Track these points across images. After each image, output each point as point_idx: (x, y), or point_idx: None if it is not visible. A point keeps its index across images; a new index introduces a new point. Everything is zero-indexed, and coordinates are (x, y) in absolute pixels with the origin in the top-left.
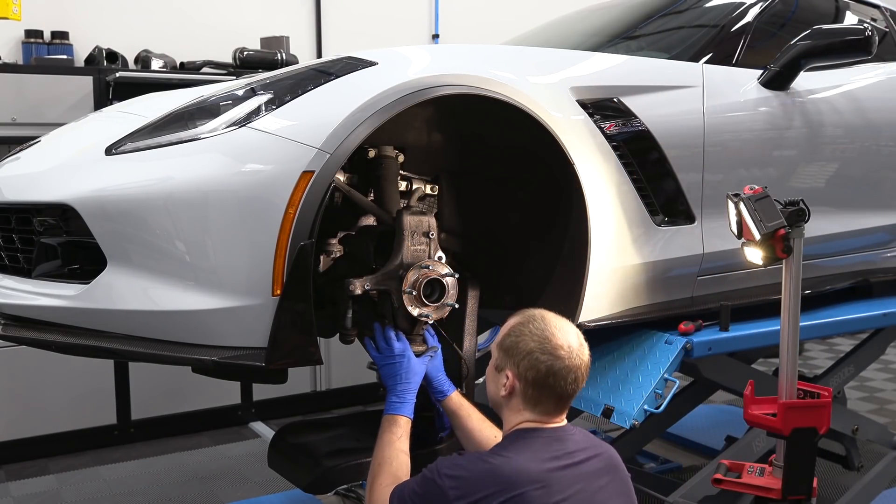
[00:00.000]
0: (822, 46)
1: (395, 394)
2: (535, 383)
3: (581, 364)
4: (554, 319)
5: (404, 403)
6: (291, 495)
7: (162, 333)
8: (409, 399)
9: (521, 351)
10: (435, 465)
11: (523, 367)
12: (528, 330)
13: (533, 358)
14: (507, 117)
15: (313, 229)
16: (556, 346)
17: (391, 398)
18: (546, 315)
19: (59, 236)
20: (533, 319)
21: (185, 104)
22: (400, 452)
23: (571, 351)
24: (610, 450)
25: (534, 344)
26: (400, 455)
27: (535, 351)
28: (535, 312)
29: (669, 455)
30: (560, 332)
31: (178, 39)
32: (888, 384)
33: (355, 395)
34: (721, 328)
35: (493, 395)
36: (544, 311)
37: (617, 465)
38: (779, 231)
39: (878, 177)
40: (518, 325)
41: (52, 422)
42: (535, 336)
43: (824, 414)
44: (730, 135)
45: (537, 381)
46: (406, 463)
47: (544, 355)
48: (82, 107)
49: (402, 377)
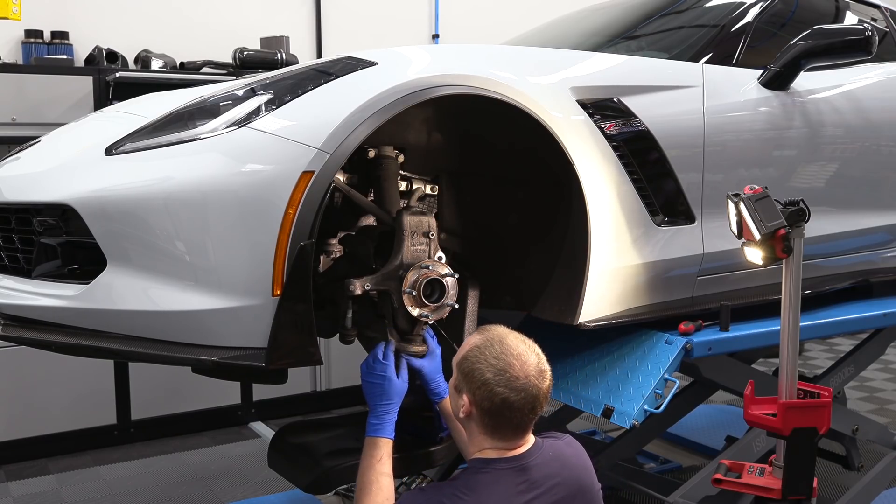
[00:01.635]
0: (822, 46)
1: (374, 415)
2: (490, 413)
3: (539, 393)
4: (514, 345)
5: (384, 424)
6: (291, 495)
7: (162, 333)
8: (388, 420)
9: (476, 379)
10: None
11: (479, 396)
12: (486, 357)
13: (488, 389)
14: (508, 117)
15: (313, 229)
16: (512, 378)
17: (371, 419)
18: (506, 339)
19: (58, 236)
20: (492, 344)
21: (185, 104)
22: (381, 476)
23: (529, 382)
24: (577, 470)
25: (490, 375)
26: (381, 478)
27: (490, 382)
28: (496, 334)
29: (669, 455)
30: (518, 361)
31: (178, 39)
32: (888, 384)
33: (355, 395)
34: (721, 328)
35: (455, 412)
36: (505, 332)
37: (586, 485)
38: (779, 231)
39: (878, 177)
40: (476, 350)
41: (52, 422)
42: (492, 365)
43: (824, 414)
44: (730, 135)
45: (492, 411)
46: (388, 485)
47: (500, 387)
48: (82, 107)
49: (382, 397)
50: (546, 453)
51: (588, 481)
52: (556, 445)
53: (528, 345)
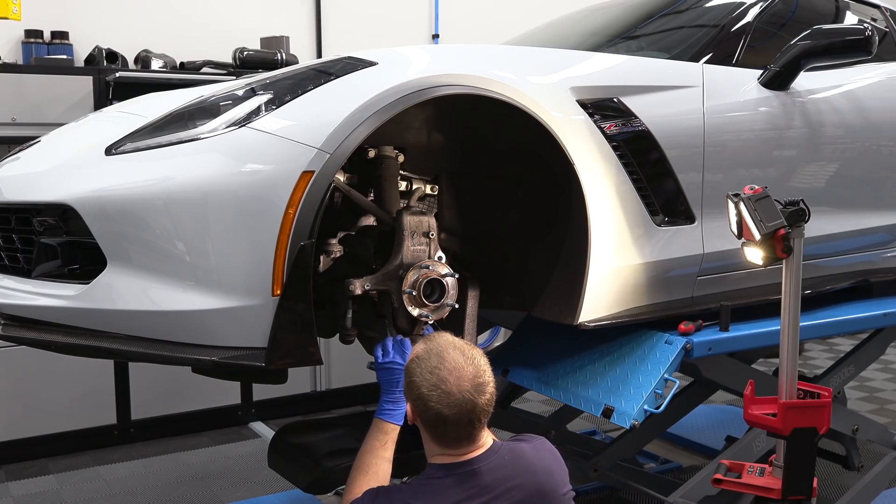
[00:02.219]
0: (822, 46)
1: (389, 399)
2: (427, 424)
3: (474, 408)
4: (451, 358)
5: (396, 410)
6: (291, 495)
7: (162, 333)
8: (402, 406)
9: (413, 392)
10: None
11: (416, 407)
12: (422, 369)
13: (423, 402)
14: (508, 117)
15: (313, 229)
16: (445, 393)
17: (384, 403)
18: (446, 350)
19: (58, 236)
20: (430, 356)
21: (185, 104)
22: (382, 460)
23: (463, 397)
24: (538, 474)
25: (425, 389)
26: (382, 463)
27: (424, 396)
28: (436, 345)
29: (669, 455)
30: (452, 376)
31: (178, 39)
32: (888, 384)
33: (355, 395)
34: (721, 328)
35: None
36: (447, 343)
37: (544, 489)
38: (779, 231)
39: (878, 177)
40: (415, 361)
41: (52, 422)
42: (426, 379)
43: (824, 414)
44: (730, 135)
45: (429, 423)
46: (386, 470)
47: (433, 402)
48: (82, 107)
49: (399, 384)
50: (502, 457)
51: (550, 485)
52: (517, 448)
53: (468, 356)
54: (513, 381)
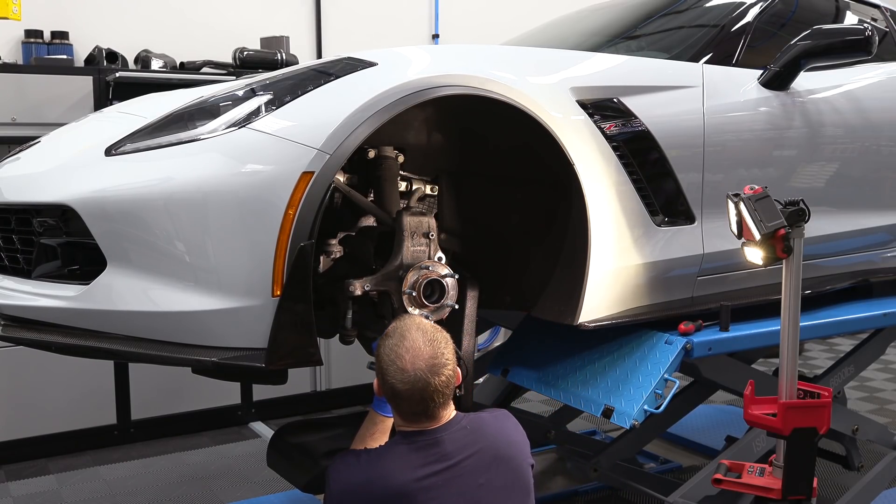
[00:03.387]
0: (822, 46)
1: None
2: (387, 396)
3: (428, 386)
4: (411, 338)
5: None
6: (291, 495)
7: (162, 334)
8: None
9: (378, 366)
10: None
11: (379, 380)
12: (385, 346)
13: (382, 376)
14: (507, 118)
15: (313, 230)
16: (399, 370)
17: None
18: (408, 331)
19: (58, 237)
20: (393, 334)
21: (185, 104)
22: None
23: (416, 374)
24: (497, 441)
25: (384, 363)
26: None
27: (383, 371)
28: (400, 326)
29: (669, 455)
30: (409, 354)
31: (178, 39)
32: (888, 384)
33: (355, 395)
34: (721, 328)
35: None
36: (412, 324)
37: (504, 456)
38: (779, 231)
39: (878, 177)
40: (382, 338)
41: (52, 422)
42: (386, 355)
43: (824, 414)
44: (730, 135)
45: (387, 395)
46: None
47: (388, 377)
48: (82, 107)
49: None
50: (463, 426)
51: (507, 452)
52: (479, 418)
53: (429, 338)
54: (513, 381)
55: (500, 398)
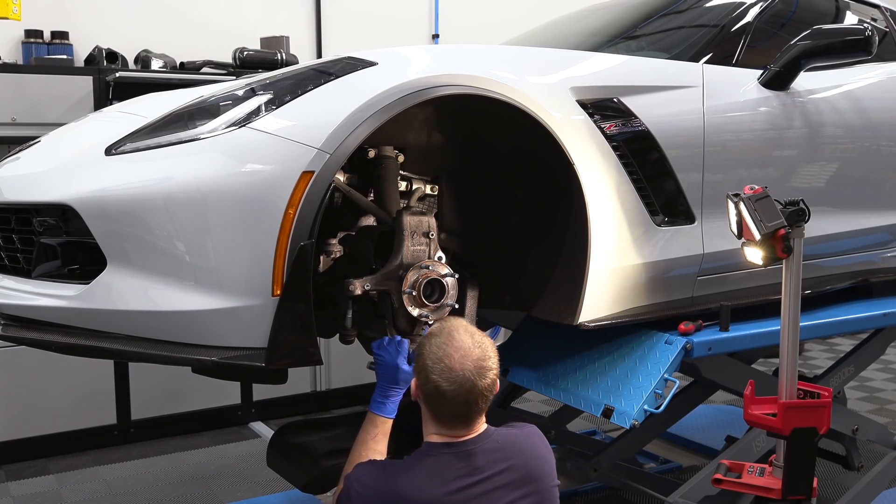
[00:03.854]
0: (822, 46)
1: (381, 392)
2: (427, 398)
3: (474, 388)
4: (459, 338)
5: (387, 403)
6: (291, 495)
7: (162, 334)
8: (393, 400)
9: (419, 364)
10: (352, 472)
11: (420, 380)
12: (431, 344)
13: (426, 375)
14: (508, 117)
15: (313, 229)
16: (446, 369)
17: (376, 395)
18: (456, 331)
19: (58, 236)
20: (440, 333)
21: (185, 104)
22: (374, 453)
23: (463, 375)
24: (529, 460)
25: (429, 361)
26: (374, 455)
27: (428, 368)
28: (447, 325)
29: (669, 455)
30: (458, 354)
31: (178, 39)
32: (888, 384)
33: (355, 395)
34: (721, 328)
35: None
36: (458, 325)
37: (536, 476)
38: (779, 231)
39: (878, 177)
40: (427, 337)
41: (52, 422)
42: (433, 353)
43: (824, 414)
44: (730, 135)
45: (428, 396)
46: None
47: (434, 375)
48: (82, 107)
49: (391, 380)
50: (495, 440)
51: (538, 471)
52: (510, 434)
53: (477, 341)
54: (513, 381)
55: (500, 398)
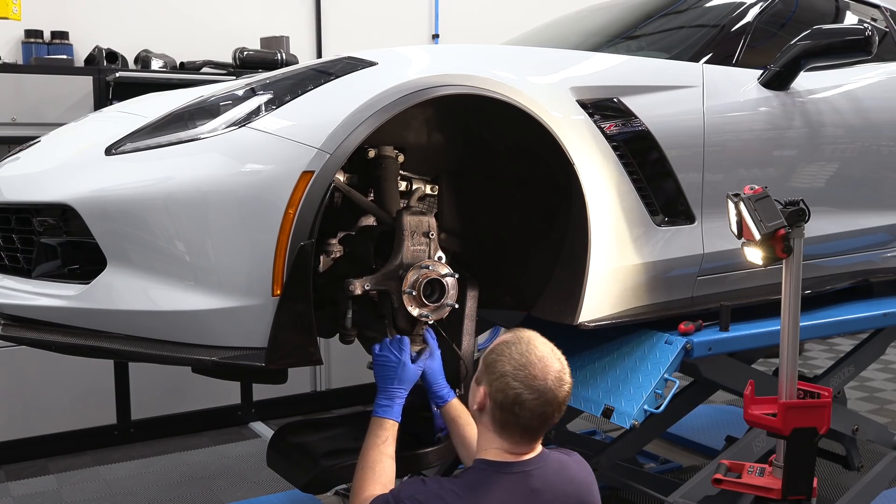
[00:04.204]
0: (822, 46)
1: (384, 395)
2: (501, 407)
3: (554, 399)
4: (540, 347)
5: (393, 406)
6: (291, 495)
7: (162, 333)
8: (398, 402)
9: (496, 371)
10: (399, 489)
11: (495, 387)
12: (510, 351)
13: (505, 381)
14: (508, 117)
15: (313, 229)
16: (530, 376)
17: (380, 399)
18: (535, 340)
19: (58, 236)
20: (519, 341)
21: (185, 104)
22: (384, 457)
23: (546, 385)
24: (581, 486)
25: (510, 367)
26: (384, 459)
27: (508, 375)
28: (526, 335)
29: (669, 455)
30: (541, 363)
31: (178, 39)
32: (888, 384)
33: (355, 395)
34: (721, 328)
35: (470, 406)
36: (536, 335)
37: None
38: (779, 231)
39: (878, 177)
40: (503, 344)
41: (52, 422)
42: (515, 360)
43: (824, 414)
44: (730, 135)
45: (504, 405)
46: (391, 467)
47: (516, 382)
48: (82, 107)
49: (394, 380)
50: (551, 464)
51: (589, 499)
52: (563, 459)
53: (555, 352)
54: None
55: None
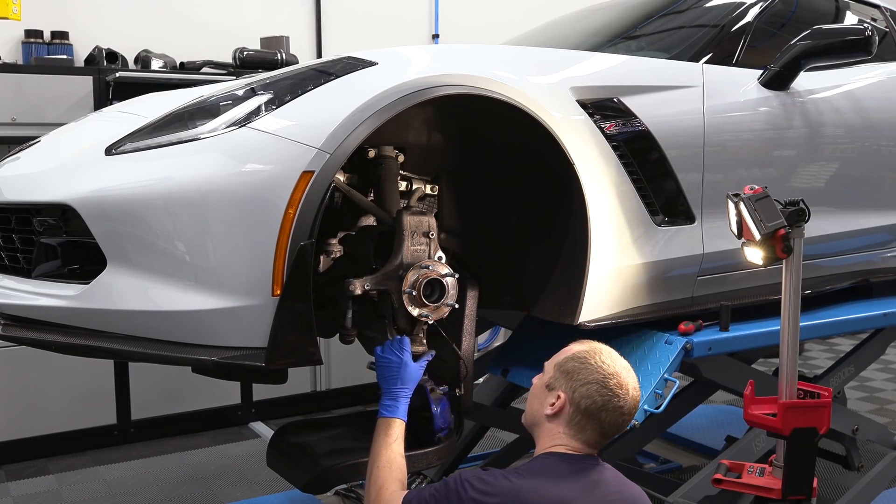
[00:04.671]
0: (822, 46)
1: (389, 396)
2: (586, 412)
3: (632, 409)
4: (618, 359)
5: (398, 406)
6: (291, 495)
7: (162, 333)
8: (403, 402)
9: (582, 378)
10: (458, 474)
11: (580, 393)
12: (595, 362)
13: (593, 389)
14: (508, 117)
15: (313, 229)
16: (618, 385)
17: (385, 400)
18: (612, 353)
19: (58, 236)
20: (600, 353)
21: (185, 104)
22: (397, 455)
23: (628, 394)
24: (635, 490)
25: (598, 376)
26: (398, 458)
27: (597, 383)
28: (601, 347)
29: (669, 455)
30: (623, 374)
31: (178, 39)
32: (888, 384)
33: (355, 395)
34: (721, 328)
35: (536, 411)
36: (609, 348)
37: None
38: (779, 231)
39: (878, 177)
40: (585, 353)
41: (52, 422)
42: (602, 370)
43: (824, 414)
44: (730, 135)
45: (590, 410)
46: (404, 466)
47: (605, 389)
48: (82, 107)
49: (397, 381)
50: (608, 468)
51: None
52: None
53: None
54: (513, 381)
55: (500, 398)
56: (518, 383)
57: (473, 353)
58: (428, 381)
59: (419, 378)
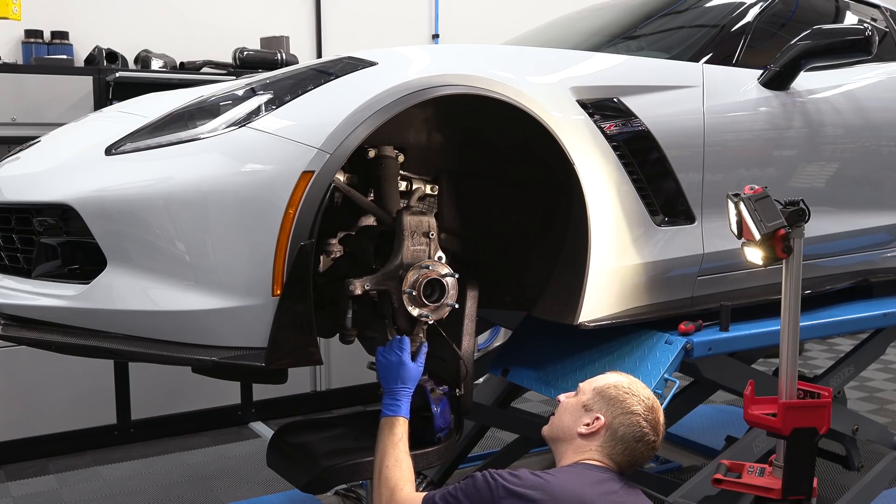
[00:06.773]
0: (822, 46)
1: (390, 395)
2: (622, 439)
3: (659, 447)
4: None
5: (401, 404)
6: (291, 495)
7: (162, 333)
8: (405, 400)
9: (625, 407)
10: (487, 471)
11: (621, 421)
12: (637, 393)
13: (635, 420)
14: (508, 117)
15: (313, 229)
16: (656, 421)
17: (387, 399)
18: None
19: (58, 236)
20: (642, 388)
21: (185, 104)
22: (404, 454)
23: (659, 435)
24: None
25: (641, 408)
26: (406, 457)
27: (639, 415)
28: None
29: (669, 455)
30: (660, 415)
31: (178, 39)
32: (888, 384)
33: (355, 395)
34: (721, 328)
35: (567, 427)
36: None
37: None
38: (779, 231)
39: (878, 177)
40: (627, 384)
41: (52, 422)
42: (643, 402)
43: (824, 414)
44: (730, 135)
45: (626, 438)
46: (411, 465)
47: (645, 422)
48: (82, 107)
49: (397, 380)
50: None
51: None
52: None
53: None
54: (513, 381)
55: (500, 398)
56: (518, 383)
57: (473, 353)
58: (428, 381)
59: (419, 377)
